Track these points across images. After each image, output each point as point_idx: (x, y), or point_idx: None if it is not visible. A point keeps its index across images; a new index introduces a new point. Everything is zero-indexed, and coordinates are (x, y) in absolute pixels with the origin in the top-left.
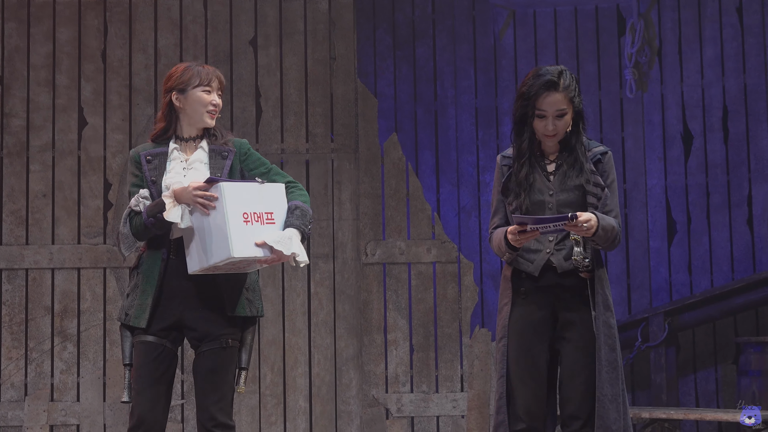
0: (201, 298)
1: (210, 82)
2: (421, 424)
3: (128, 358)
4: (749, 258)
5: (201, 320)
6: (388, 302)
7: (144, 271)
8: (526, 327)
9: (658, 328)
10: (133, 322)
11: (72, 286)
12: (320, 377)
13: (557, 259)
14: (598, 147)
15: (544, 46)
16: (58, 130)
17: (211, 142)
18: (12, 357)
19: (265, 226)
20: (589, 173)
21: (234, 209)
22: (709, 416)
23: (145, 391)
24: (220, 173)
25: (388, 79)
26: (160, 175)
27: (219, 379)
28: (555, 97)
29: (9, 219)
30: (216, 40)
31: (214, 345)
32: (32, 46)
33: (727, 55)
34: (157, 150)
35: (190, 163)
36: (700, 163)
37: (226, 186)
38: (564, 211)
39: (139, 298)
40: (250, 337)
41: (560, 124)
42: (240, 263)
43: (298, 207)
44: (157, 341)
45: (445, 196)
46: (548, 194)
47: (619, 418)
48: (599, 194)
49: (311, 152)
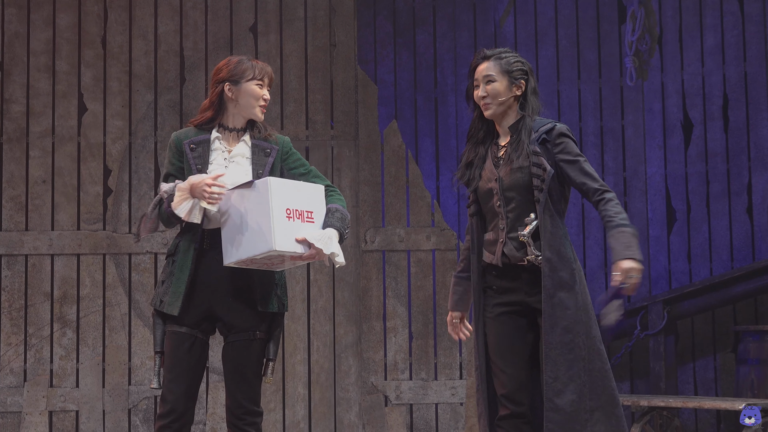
0: (233, 290)
1: (263, 77)
2: (420, 411)
3: (159, 345)
4: (748, 246)
5: (232, 311)
6: (387, 289)
7: (179, 259)
8: (500, 315)
9: (657, 316)
10: (167, 309)
11: (71, 272)
12: (319, 364)
13: (509, 248)
14: (546, 124)
15: (545, 34)
16: (58, 116)
17: (254, 136)
18: (11, 343)
19: (305, 224)
20: (531, 154)
21: (278, 204)
22: (707, 404)
23: (177, 381)
24: (262, 170)
25: (388, 66)
26: (205, 164)
27: (248, 370)
28: (484, 65)
29: (9, 205)
30: (216, 27)
31: (244, 337)
32: (32, 31)
33: (728, 43)
34: (200, 137)
35: (233, 156)
36: (700, 151)
37: (273, 180)
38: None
39: (173, 285)
40: (277, 330)
41: (489, 89)
42: (276, 258)
43: (339, 210)
44: (189, 332)
45: (445, 184)
46: (494, 180)
47: (578, 399)
48: (542, 176)
49: (311, 139)
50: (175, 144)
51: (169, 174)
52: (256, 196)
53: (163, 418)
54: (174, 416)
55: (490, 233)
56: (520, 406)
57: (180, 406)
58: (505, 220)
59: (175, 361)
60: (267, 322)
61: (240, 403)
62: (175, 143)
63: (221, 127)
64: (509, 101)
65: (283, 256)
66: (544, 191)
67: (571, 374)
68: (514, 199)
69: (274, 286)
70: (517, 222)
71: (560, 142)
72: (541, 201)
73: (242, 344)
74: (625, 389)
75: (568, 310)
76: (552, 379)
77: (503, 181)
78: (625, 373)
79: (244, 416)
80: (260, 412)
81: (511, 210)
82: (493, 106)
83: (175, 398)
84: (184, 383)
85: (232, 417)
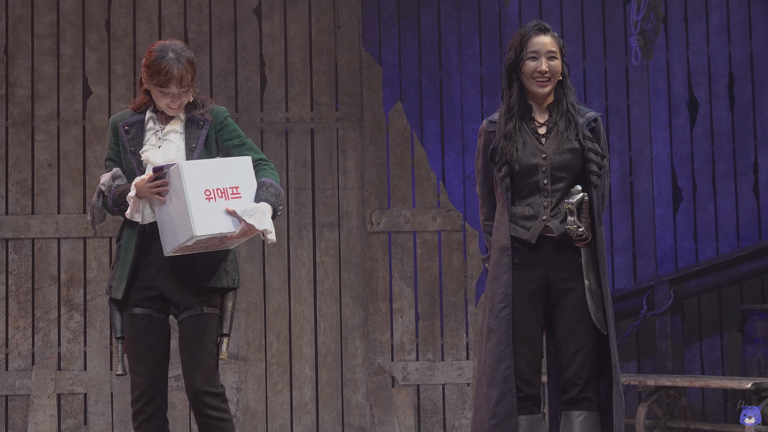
0: (177, 269)
1: (167, 84)
2: (427, 392)
3: (119, 331)
4: (755, 225)
5: (177, 290)
6: (393, 271)
7: (123, 243)
8: (521, 297)
9: (664, 295)
10: (113, 294)
11: (78, 256)
12: (326, 346)
13: (554, 224)
14: (590, 112)
15: (549, 14)
16: (63, 100)
17: (188, 110)
18: (19, 326)
19: (231, 200)
20: (587, 140)
21: (194, 188)
22: (714, 384)
23: (140, 362)
24: (195, 143)
25: (392, 47)
26: (138, 145)
27: (200, 348)
28: (546, 38)
29: (15, 189)
30: (220, 9)
31: (191, 313)
32: (36, 15)
33: (733, 21)
34: (134, 119)
35: (165, 134)
36: (705, 130)
37: (183, 165)
38: (558, 176)
39: (119, 270)
40: (230, 304)
41: (553, 65)
42: (210, 241)
43: (273, 185)
44: (142, 312)
45: (450, 165)
46: (541, 157)
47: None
48: (601, 163)
49: (316, 121)
50: (111, 127)
51: (108, 158)
52: (173, 183)
53: (136, 403)
54: (145, 399)
55: (526, 208)
56: (534, 388)
57: (149, 388)
58: (550, 197)
59: (134, 344)
60: (216, 298)
61: (196, 386)
62: (111, 127)
63: (154, 107)
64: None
65: (217, 238)
66: (603, 178)
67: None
68: (563, 179)
69: (221, 261)
70: (562, 201)
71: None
72: (598, 186)
73: (190, 321)
74: (632, 369)
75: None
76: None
77: (552, 158)
78: (631, 353)
79: (202, 398)
80: (219, 392)
81: (558, 189)
82: (551, 84)
83: (142, 380)
84: (147, 364)
85: (191, 400)
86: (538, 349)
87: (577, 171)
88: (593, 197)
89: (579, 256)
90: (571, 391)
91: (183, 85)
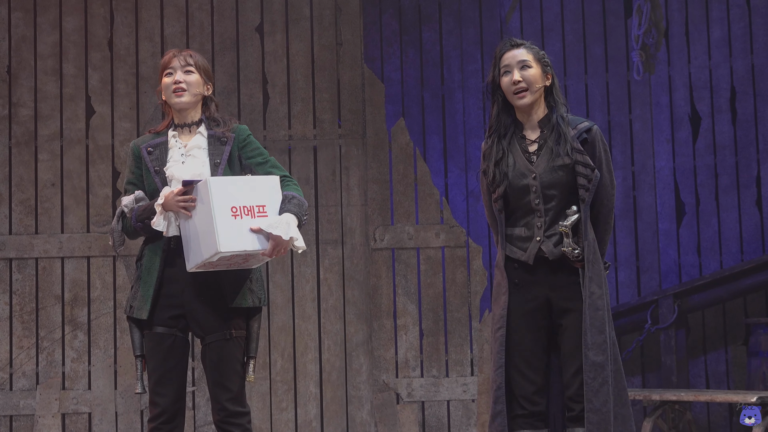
0: (202, 289)
1: (169, 64)
2: (432, 408)
3: (138, 349)
4: (758, 239)
5: (203, 312)
6: (397, 287)
7: (146, 263)
8: (522, 317)
9: (668, 310)
10: (136, 314)
11: (82, 275)
12: (330, 363)
13: (547, 246)
14: (583, 123)
15: (551, 29)
16: (66, 119)
17: (210, 126)
18: (23, 346)
19: (257, 219)
20: (576, 153)
21: (221, 204)
22: (719, 398)
23: (163, 383)
24: (219, 159)
25: (394, 64)
26: (162, 165)
27: (228, 370)
28: (516, 51)
29: (18, 208)
30: (222, 27)
31: (219, 337)
32: (39, 35)
33: (735, 35)
34: (156, 140)
35: (189, 150)
36: (708, 144)
37: (212, 181)
38: (549, 195)
39: (141, 289)
40: (256, 326)
41: (526, 74)
42: (234, 258)
43: (295, 197)
44: (167, 331)
45: (453, 181)
46: (531, 177)
47: (608, 399)
48: (590, 176)
49: (319, 138)
50: (132, 152)
51: (128, 182)
52: (200, 198)
53: (154, 421)
54: (165, 417)
55: (521, 229)
56: (538, 405)
57: (170, 407)
58: (543, 217)
59: (156, 363)
60: (242, 319)
61: (223, 406)
62: (132, 151)
63: (175, 126)
64: (540, 91)
65: (241, 256)
66: (591, 191)
67: (605, 375)
68: (554, 197)
69: (246, 280)
70: (557, 219)
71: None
72: (587, 201)
73: (218, 345)
74: (637, 383)
75: (599, 311)
76: (591, 379)
77: (542, 177)
78: (636, 368)
79: (228, 418)
80: (245, 412)
81: (551, 208)
82: (529, 94)
83: (164, 400)
84: (170, 384)
85: (217, 419)
86: (539, 367)
87: (570, 186)
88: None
89: (578, 277)
90: (574, 409)
91: (187, 63)
